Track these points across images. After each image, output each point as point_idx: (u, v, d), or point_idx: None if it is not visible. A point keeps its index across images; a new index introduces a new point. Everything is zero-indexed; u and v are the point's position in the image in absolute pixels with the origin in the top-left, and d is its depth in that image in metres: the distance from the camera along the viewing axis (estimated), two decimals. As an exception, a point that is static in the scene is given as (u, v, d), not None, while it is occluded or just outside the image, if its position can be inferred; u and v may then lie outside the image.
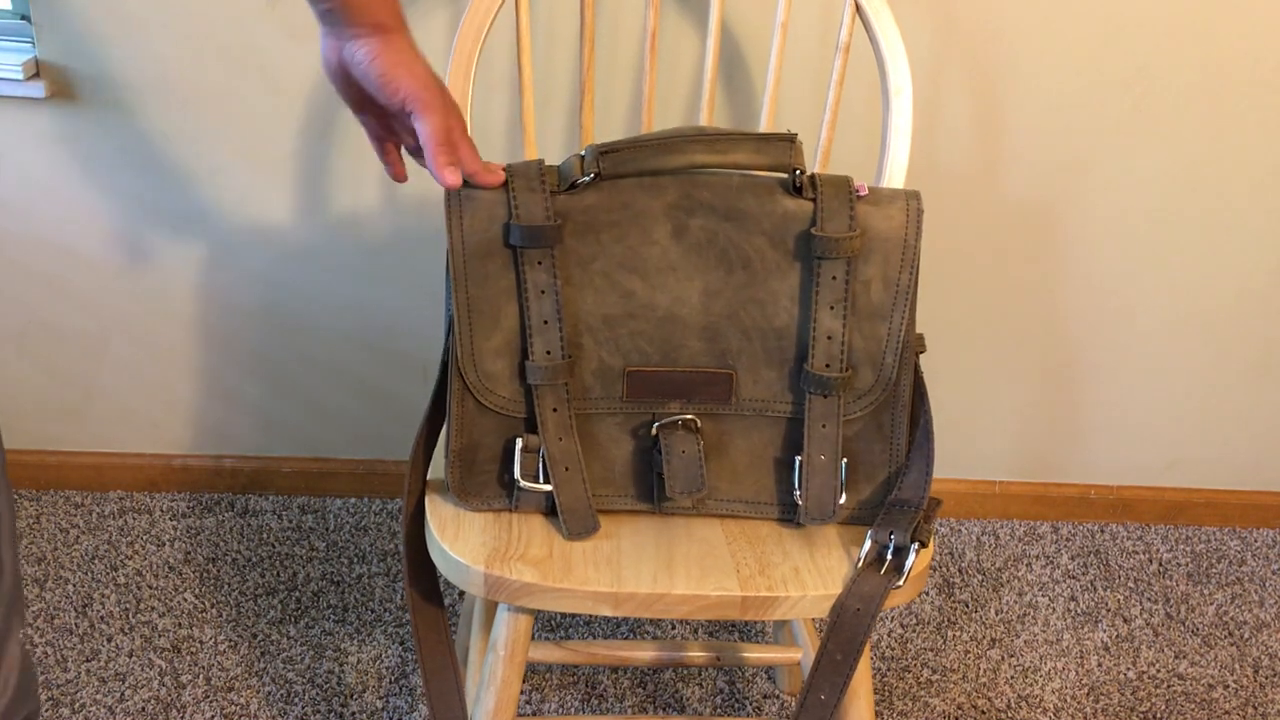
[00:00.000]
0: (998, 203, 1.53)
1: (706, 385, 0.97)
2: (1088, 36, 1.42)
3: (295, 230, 1.51)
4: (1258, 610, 1.62)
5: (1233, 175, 1.52)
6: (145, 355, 1.59)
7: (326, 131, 1.45)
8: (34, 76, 1.38)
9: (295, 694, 1.37)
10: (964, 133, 1.48)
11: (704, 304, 0.96)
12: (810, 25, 1.40)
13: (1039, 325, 1.62)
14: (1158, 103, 1.47)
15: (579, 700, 1.39)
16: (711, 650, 1.26)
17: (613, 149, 0.94)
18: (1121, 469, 1.75)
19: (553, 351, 0.95)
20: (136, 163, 1.45)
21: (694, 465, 0.97)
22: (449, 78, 1.10)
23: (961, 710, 1.42)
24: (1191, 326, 1.63)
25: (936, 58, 1.43)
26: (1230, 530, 1.78)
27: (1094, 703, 1.45)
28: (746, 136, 0.95)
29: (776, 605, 0.93)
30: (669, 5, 1.37)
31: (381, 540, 1.62)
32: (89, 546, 1.57)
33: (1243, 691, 1.48)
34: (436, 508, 0.99)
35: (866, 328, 0.97)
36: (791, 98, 1.43)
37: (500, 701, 1.01)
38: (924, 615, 1.56)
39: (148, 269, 1.52)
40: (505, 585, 0.92)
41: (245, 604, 1.49)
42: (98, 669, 1.38)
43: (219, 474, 1.67)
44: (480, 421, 0.97)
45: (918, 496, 0.97)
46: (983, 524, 1.75)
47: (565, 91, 1.43)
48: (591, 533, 0.97)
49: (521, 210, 0.93)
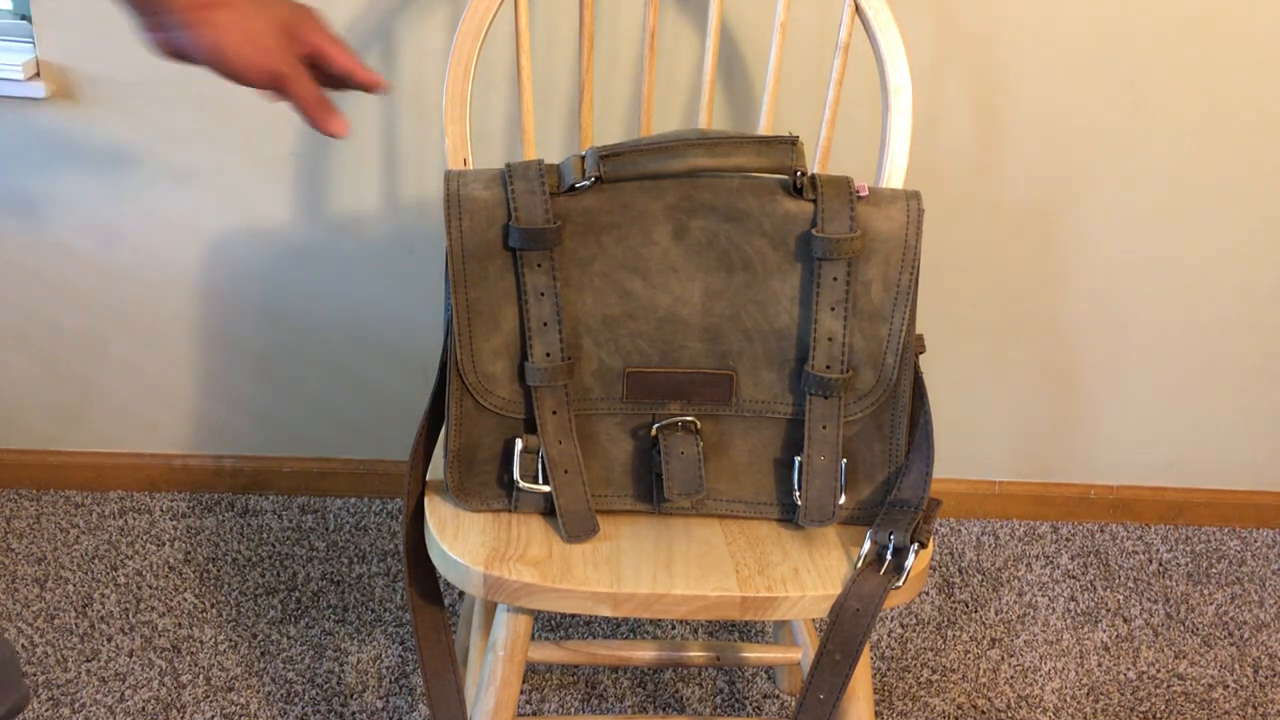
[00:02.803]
0: (998, 203, 1.53)
1: (707, 386, 0.97)
2: (1087, 37, 1.42)
3: (295, 230, 1.51)
4: (1258, 610, 1.62)
5: (1232, 175, 1.52)
6: (145, 355, 1.59)
7: (326, 131, 1.45)
8: (34, 76, 1.38)
9: (295, 694, 1.37)
10: (964, 133, 1.48)
11: (704, 305, 0.96)
12: (810, 25, 1.39)
13: (1039, 325, 1.62)
14: (1157, 103, 1.47)
15: (579, 700, 1.39)
16: (711, 650, 1.26)
17: (614, 152, 0.94)
18: (1121, 469, 1.75)
19: (552, 353, 0.95)
20: (137, 163, 1.45)
21: (693, 467, 0.97)
22: (448, 78, 1.10)
23: (961, 710, 1.42)
24: (1191, 326, 1.63)
25: (936, 58, 1.43)
26: (1230, 530, 1.78)
27: (1094, 703, 1.45)
28: (748, 140, 0.95)
29: (776, 605, 0.93)
30: (668, 5, 1.37)
31: (381, 540, 1.62)
32: (89, 546, 1.57)
33: (1243, 691, 1.48)
34: (436, 508, 0.99)
35: (867, 328, 0.97)
36: (791, 98, 1.43)
37: (500, 701, 1.01)
38: (924, 615, 1.56)
39: (148, 269, 1.52)
40: (505, 586, 0.92)
41: (245, 604, 1.49)
42: (98, 669, 1.38)
43: (219, 474, 1.67)
44: (479, 422, 0.97)
45: (917, 497, 0.97)
46: (983, 524, 1.75)
47: (564, 91, 1.43)
48: (591, 535, 0.97)
49: (521, 212, 0.93)
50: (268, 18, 0.79)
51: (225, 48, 0.77)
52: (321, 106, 0.83)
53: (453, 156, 1.12)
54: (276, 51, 0.79)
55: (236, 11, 0.77)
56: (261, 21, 0.79)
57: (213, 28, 0.76)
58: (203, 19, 0.76)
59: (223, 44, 0.77)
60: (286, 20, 0.81)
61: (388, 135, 1.45)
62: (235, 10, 0.77)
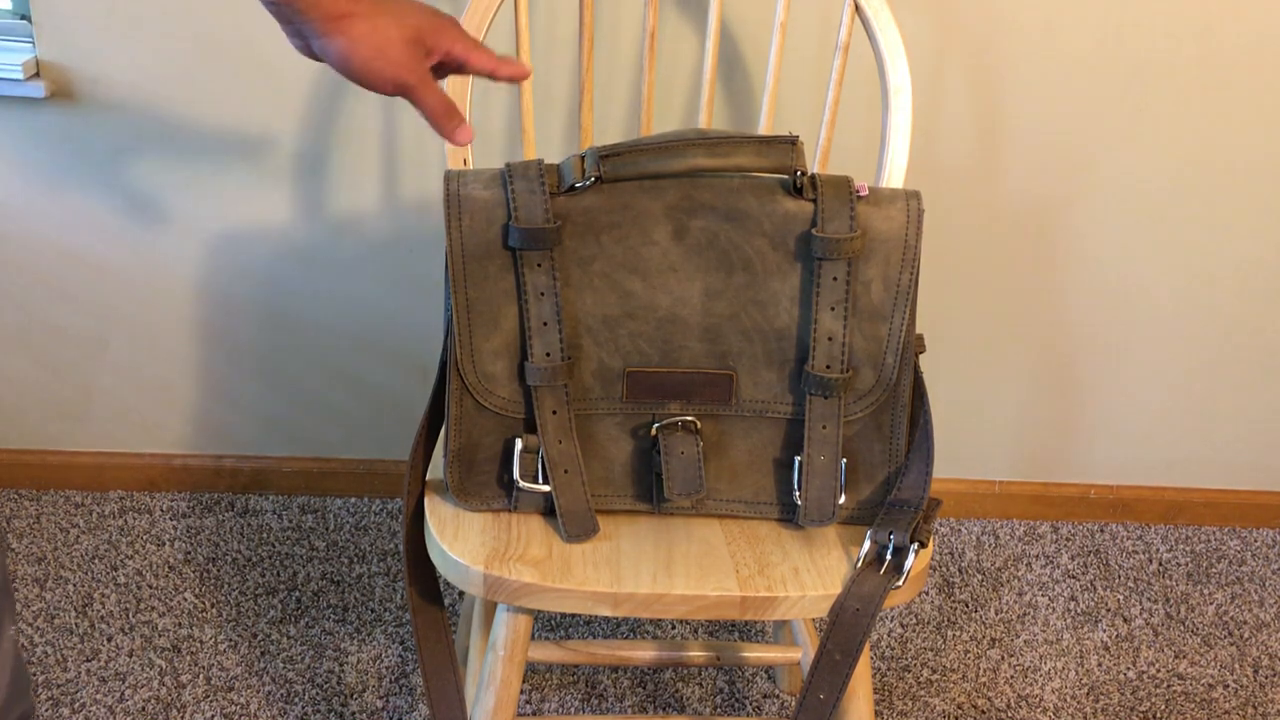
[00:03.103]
0: (998, 202, 1.53)
1: (706, 386, 0.97)
2: (1088, 36, 1.42)
3: (295, 230, 1.51)
4: (1258, 610, 1.62)
5: (1233, 175, 1.52)
6: (145, 355, 1.59)
7: (326, 131, 1.45)
8: (34, 76, 1.38)
9: (295, 694, 1.37)
10: (964, 133, 1.48)
11: (704, 305, 0.96)
12: (810, 25, 1.39)
13: (1039, 325, 1.62)
14: (1157, 103, 1.47)
15: (579, 700, 1.39)
16: (711, 650, 1.26)
17: (614, 152, 0.94)
18: (1121, 469, 1.75)
19: (552, 353, 0.95)
20: (137, 163, 1.45)
21: (693, 467, 0.97)
22: (448, 77, 1.10)
23: (961, 710, 1.42)
24: (1192, 326, 1.63)
25: (936, 58, 1.43)
26: (1230, 530, 1.78)
27: (1094, 703, 1.45)
28: (748, 139, 0.95)
29: (776, 605, 0.93)
30: (668, 5, 1.37)
31: (381, 540, 1.62)
32: (89, 546, 1.57)
33: (1243, 691, 1.48)
34: (436, 508, 0.99)
35: (867, 328, 0.97)
36: (791, 98, 1.43)
37: (500, 701, 1.01)
38: (924, 615, 1.56)
39: (148, 269, 1.52)
40: (504, 585, 0.92)
41: (245, 604, 1.49)
42: (98, 669, 1.38)
43: (219, 474, 1.67)
44: (479, 421, 0.97)
45: (917, 496, 0.97)
46: (983, 524, 1.75)
47: (564, 91, 1.43)
48: (590, 535, 0.97)
49: (521, 212, 0.93)
50: (400, 28, 0.83)
51: (354, 58, 0.81)
52: (448, 116, 0.87)
53: (452, 156, 1.12)
54: (405, 63, 0.83)
55: (368, 24, 0.81)
56: (394, 32, 0.82)
57: (345, 38, 0.81)
58: (336, 29, 0.81)
59: (352, 55, 0.81)
60: (420, 29, 0.84)
61: (388, 135, 1.45)
62: (367, 22, 0.81)
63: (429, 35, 0.85)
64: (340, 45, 0.81)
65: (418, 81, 0.84)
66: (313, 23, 0.81)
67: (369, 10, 0.82)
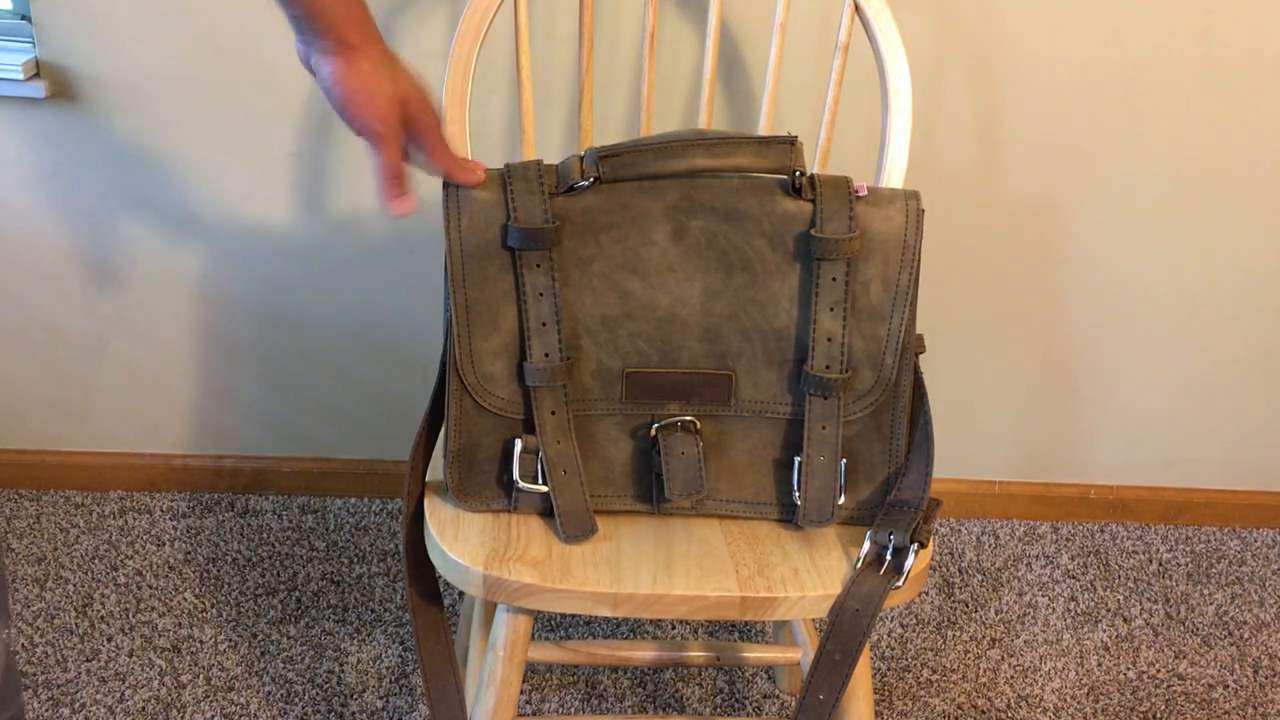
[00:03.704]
0: (997, 203, 1.53)
1: (706, 386, 0.97)
2: (1088, 37, 1.42)
3: (295, 230, 1.51)
4: (1258, 610, 1.62)
5: (1233, 176, 1.52)
6: (145, 355, 1.59)
7: (326, 131, 1.45)
8: (34, 76, 1.38)
9: (295, 694, 1.37)
10: (964, 133, 1.48)
11: (704, 305, 0.96)
12: (810, 25, 1.39)
13: (1039, 325, 1.62)
14: (1157, 104, 1.47)
15: (579, 700, 1.39)
16: (711, 650, 1.26)
17: (613, 153, 0.94)
18: (1121, 469, 1.75)
19: (551, 354, 0.95)
20: (137, 163, 1.45)
21: (693, 467, 0.97)
22: (448, 77, 1.10)
23: (961, 710, 1.42)
24: (1192, 326, 1.63)
25: (936, 58, 1.43)
26: (1230, 530, 1.78)
27: (1094, 703, 1.45)
28: (747, 140, 0.95)
29: (775, 606, 0.93)
30: (668, 5, 1.37)
31: (381, 540, 1.62)
32: (89, 546, 1.57)
33: (1243, 691, 1.48)
34: (436, 508, 0.99)
35: (866, 328, 0.97)
36: (791, 98, 1.43)
37: (500, 701, 1.01)
38: (924, 615, 1.56)
39: (148, 269, 1.52)
40: (504, 586, 0.92)
41: (245, 604, 1.49)
42: (98, 669, 1.38)
43: (219, 474, 1.67)
44: (478, 422, 0.97)
45: (917, 497, 0.97)
46: (983, 524, 1.75)
47: (564, 91, 1.43)
48: (589, 535, 0.97)
49: (520, 212, 0.93)
50: (394, 85, 0.87)
51: (343, 86, 0.85)
52: (393, 182, 0.90)
53: (452, 157, 1.12)
54: (385, 114, 0.86)
55: (370, 64, 0.85)
56: (387, 85, 0.86)
57: (345, 65, 0.85)
58: (340, 55, 0.85)
59: (343, 82, 0.85)
60: (410, 98, 0.89)
61: (387, 135, 1.45)
62: (369, 63, 0.86)
63: (414, 107, 0.89)
64: (337, 69, 0.85)
65: (387, 133, 0.88)
66: (324, 42, 0.85)
67: (376, 55, 0.86)
